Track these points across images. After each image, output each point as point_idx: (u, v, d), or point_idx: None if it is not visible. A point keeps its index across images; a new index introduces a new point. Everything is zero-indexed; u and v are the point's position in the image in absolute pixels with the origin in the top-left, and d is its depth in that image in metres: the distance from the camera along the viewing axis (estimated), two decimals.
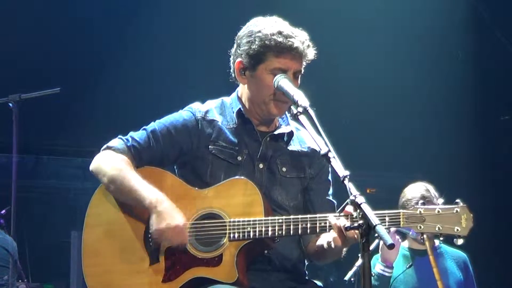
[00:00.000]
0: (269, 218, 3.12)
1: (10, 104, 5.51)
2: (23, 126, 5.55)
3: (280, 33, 3.23)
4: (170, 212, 3.13)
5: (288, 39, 3.22)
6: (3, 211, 6.29)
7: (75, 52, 7.59)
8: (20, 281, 6.14)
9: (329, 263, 3.48)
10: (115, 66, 7.53)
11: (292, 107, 3.11)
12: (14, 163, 5.49)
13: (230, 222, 3.14)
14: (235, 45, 3.36)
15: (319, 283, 3.40)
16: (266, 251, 3.23)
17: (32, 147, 8.10)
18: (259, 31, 3.26)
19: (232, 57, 3.37)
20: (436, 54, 8.07)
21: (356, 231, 2.75)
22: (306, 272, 3.41)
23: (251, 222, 3.12)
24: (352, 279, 5.28)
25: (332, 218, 3.02)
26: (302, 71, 3.30)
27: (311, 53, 3.28)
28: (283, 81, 3.19)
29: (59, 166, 8.58)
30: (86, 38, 7.57)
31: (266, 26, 3.27)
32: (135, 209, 3.25)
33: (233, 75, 3.38)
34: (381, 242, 4.57)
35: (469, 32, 8.14)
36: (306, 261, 3.43)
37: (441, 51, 8.12)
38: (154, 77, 7.83)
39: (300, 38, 3.25)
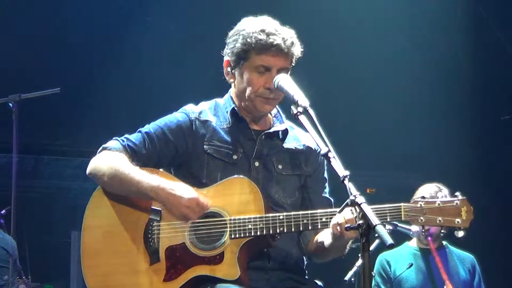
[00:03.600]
0: (270, 215, 3.13)
1: (10, 104, 5.51)
2: (23, 126, 5.55)
3: (262, 31, 3.24)
4: (177, 192, 3.13)
5: (270, 37, 3.22)
6: (3, 211, 6.29)
7: (75, 52, 7.59)
8: (23, 278, 6.13)
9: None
10: (115, 67, 7.53)
11: (292, 107, 3.09)
12: (14, 163, 5.48)
13: (230, 220, 3.14)
14: (226, 45, 3.38)
15: (319, 282, 3.39)
16: (265, 249, 3.23)
17: (32, 147, 8.09)
18: (243, 30, 3.28)
19: (224, 56, 3.39)
20: (436, 54, 8.06)
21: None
22: (306, 271, 3.41)
23: (252, 220, 3.12)
24: (352, 279, 5.28)
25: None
26: (289, 68, 3.29)
27: (296, 50, 3.28)
28: (283, 81, 3.20)
29: (59, 166, 8.57)
30: (86, 38, 7.57)
31: (251, 24, 3.28)
32: (134, 209, 3.25)
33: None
34: None
35: (469, 32, 8.13)
36: (305, 260, 3.43)
37: (441, 51, 8.11)
38: (153, 79, 7.83)
39: (283, 35, 3.24)
